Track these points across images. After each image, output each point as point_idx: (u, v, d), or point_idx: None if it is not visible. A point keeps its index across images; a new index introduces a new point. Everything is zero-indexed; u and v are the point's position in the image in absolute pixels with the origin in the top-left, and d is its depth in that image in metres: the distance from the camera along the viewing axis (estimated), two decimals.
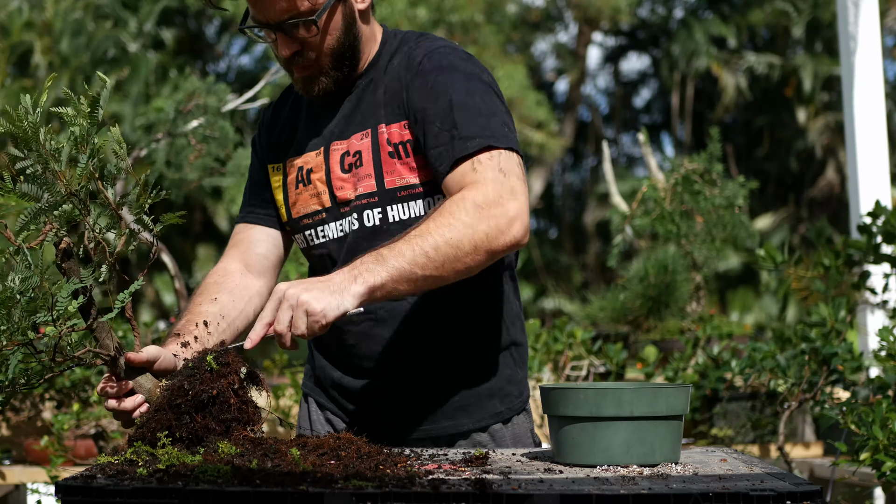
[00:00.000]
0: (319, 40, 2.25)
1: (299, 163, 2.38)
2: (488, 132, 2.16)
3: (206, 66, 23.87)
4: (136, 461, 1.81)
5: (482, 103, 2.20)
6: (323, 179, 2.34)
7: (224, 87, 5.50)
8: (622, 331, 5.90)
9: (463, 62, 2.26)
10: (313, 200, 2.36)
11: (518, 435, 2.40)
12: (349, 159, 2.30)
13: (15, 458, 4.56)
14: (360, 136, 2.30)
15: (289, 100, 2.49)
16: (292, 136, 2.42)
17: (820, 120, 22.60)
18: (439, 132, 2.18)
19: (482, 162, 2.13)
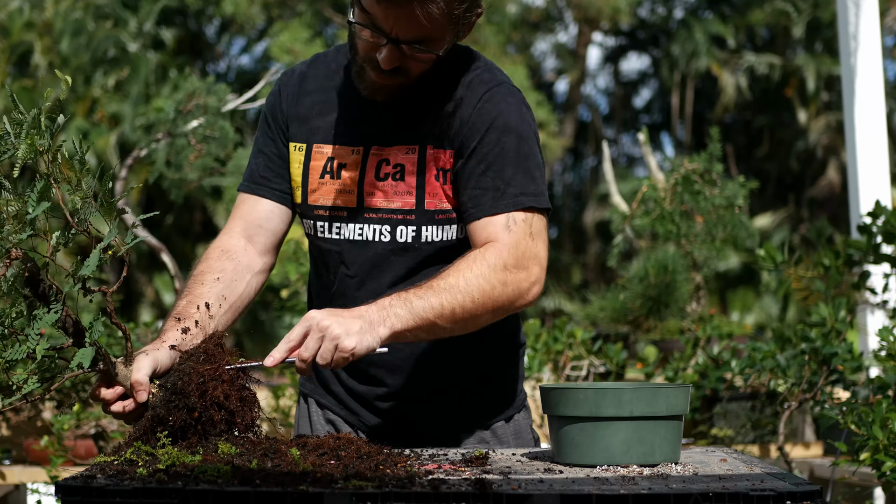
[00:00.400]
0: (423, 64, 2.17)
1: (330, 153, 2.30)
2: (530, 191, 2.20)
3: (206, 66, 23.88)
4: (136, 461, 1.81)
5: (530, 158, 2.22)
6: (355, 180, 2.27)
7: (224, 87, 5.50)
8: (622, 331, 5.90)
9: (519, 110, 2.25)
10: (339, 197, 2.29)
11: (519, 431, 2.42)
12: (387, 168, 2.25)
13: (15, 458, 4.56)
14: (406, 150, 2.24)
15: (319, 73, 2.37)
16: (323, 119, 2.32)
17: (821, 119, 22.61)
18: (482, 176, 2.20)
19: (517, 223, 2.18)
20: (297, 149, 2.34)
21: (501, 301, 2.14)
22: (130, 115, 19.05)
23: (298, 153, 2.33)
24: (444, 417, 2.37)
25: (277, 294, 6.28)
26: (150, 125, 5.60)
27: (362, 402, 2.39)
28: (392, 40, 2.12)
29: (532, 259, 2.17)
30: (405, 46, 2.13)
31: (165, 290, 20.14)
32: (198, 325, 2.13)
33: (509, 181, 2.19)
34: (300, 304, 6.24)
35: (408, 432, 2.34)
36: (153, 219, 20.18)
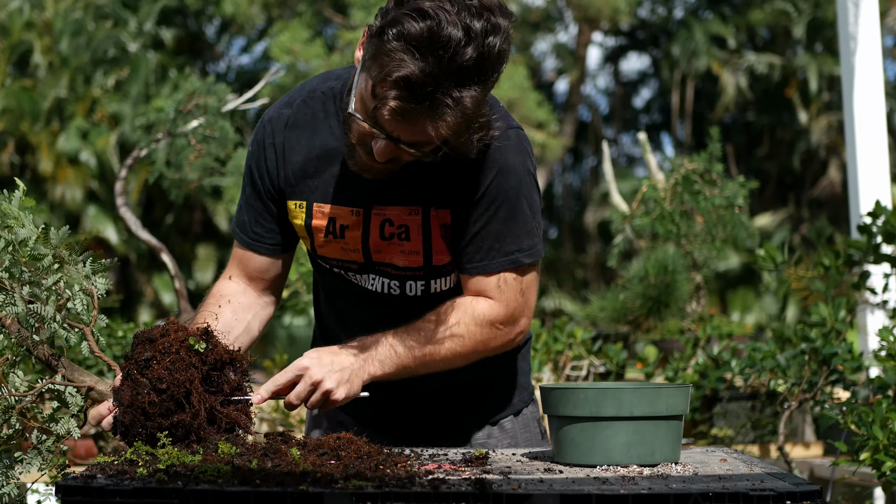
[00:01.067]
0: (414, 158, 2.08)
1: (330, 213, 2.24)
2: (525, 246, 2.21)
3: (206, 66, 23.88)
4: (136, 461, 1.81)
5: (526, 213, 2.21)
6: (358, 240, 2.23)
7: (224, 87, 5.50)
8: (622, 331, 5.90)
9: (519, 160, 2.21)
10: (345, 254, 2.26)
11: (527, 425, 2.45)
12: (391, 229, 2.21)
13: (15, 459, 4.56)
14: (409, 212, 2.20)
15: (306, 121, 2.26)
16: (317, 176, 2.24)
17: (822, 119, 22.60)
18: (477, 234, 2.20)
19: (508, 282, 2.21)
20: (298, 206, 2.28)
21: (484, 352, 2.24)
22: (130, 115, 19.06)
23: (300, 210, 2.28)
24: (452, 414, 2.38)
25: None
26: (150, 125, 5.60)
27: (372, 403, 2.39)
28: (392, 139, 2.02)
29: (521, 313, 2.24)
30: (404, 147, 2.03)
31: (165, 290, 20.14)
32: None
33: (503, 239, 2.19)
34: (300, 303, 6.25)
35: (417, 430, 2.35)
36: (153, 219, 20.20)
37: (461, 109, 1.94)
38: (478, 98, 1.96)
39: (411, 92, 1.92)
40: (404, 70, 1.90)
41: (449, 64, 1.91)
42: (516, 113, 17.84)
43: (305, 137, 2.25)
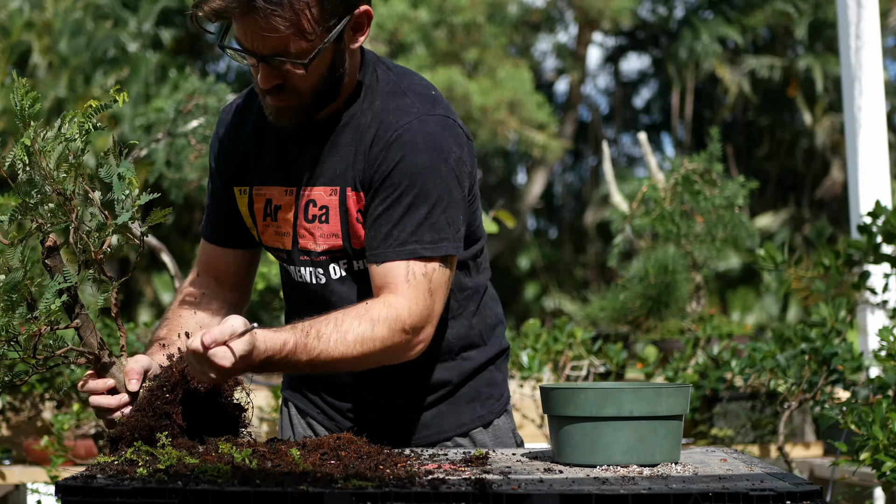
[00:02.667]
0: (304, 79, 2.10)
1: (267, 194, 2.27)
2: (424, 240, 2.13)
3: (205, 66, 23.87)
4: (136, 461, 1.81)
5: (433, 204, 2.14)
6: (290, 222, 2.25)
7: (224, 87, 5.50)
8: (622, 331, 5.90)
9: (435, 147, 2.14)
10: (277, 239, 2.28)
11: (499, 437, 2.41)
12: (314, 210, 2.21)
13: (15, 458, 4.56)
14: (329, 192, 2.20)
15: (254, 108, 2.31)
16: (258, 159, 2.28)
17: (825, 120, 22.60)
18: (379, 219, 2.14)
19: (416, 277, 2.12)
20: (242, 192, 2.31)
21: (383, 358, 2.12)
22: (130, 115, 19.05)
23: (243, 196, 2.31)
24: (420, 425, 2.36)
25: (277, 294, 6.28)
26: (150, 125, 5.60)
27: (337, 410, 2.39)
28: (258, 57, 2.07)
29: (426, 320, 2.14)
30: (275, 62, 2.07)
31: (165, 290, 20.13)
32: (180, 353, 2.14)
33: (406, 229, 2.13)
34: None
35: (384, 439, 2.33)
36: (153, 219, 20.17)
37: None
38: None
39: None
40: None
41: None
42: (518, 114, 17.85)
43: (249, 124, 2.29)
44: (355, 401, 2.36)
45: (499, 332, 2.44)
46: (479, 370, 2.39)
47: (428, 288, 2.13)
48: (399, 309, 2.10)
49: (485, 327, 2.40)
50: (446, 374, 2.35)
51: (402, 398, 2.34)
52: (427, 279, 2.13)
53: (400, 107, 2.18)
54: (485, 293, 2.42)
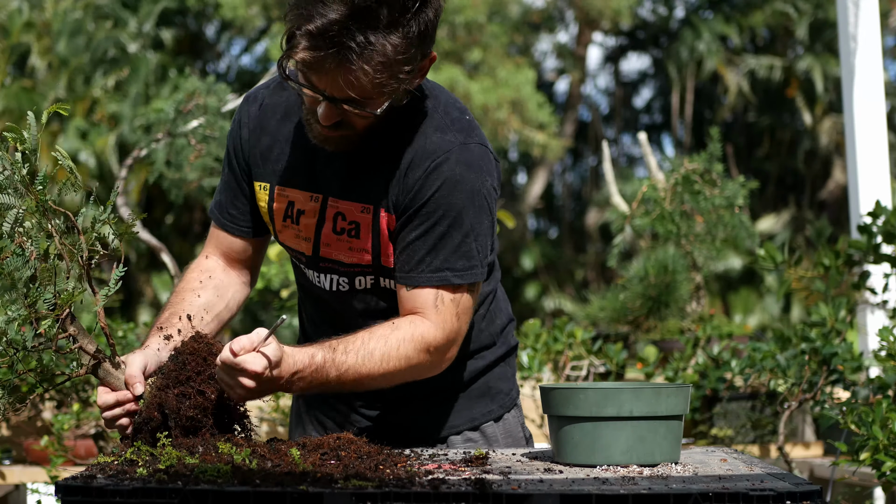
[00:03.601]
0: (365, 120, 2.09)
1: (290, 196, 2.26)
2: (456, 268, 2.16)
3: (206, 66, 23.87)
4: (136, 461, 1.81)
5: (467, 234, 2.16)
6: (312, 228, 2.25)
7: (224, 87, 5.50)
8: (622, 331, 5.90)
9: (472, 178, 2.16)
10: (297, 242, 2.28)
11: (509, 430, 2.43)
12: (343, 224, 2.22)
13: (15, 458, 4.56)
14: (361, 209, 2.20)
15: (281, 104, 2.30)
16: (283, 159, 2.27)
17: (826, 121, 22.60)
18: (411, 244, 2.16)
19: (445, 303, 2.16)
20: (262, 188, 2.31)
21: (411, 376, 2.17)
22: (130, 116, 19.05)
23: (263, 192, 2.31)
24: (431, 420, 2.37)
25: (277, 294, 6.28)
26: (150, 125, 5.60)
27: (348, 406, 2.40)
28: (327, 98, 2.04)
29: (452, 342, 2.19)
30: (343, 105, 2.05)
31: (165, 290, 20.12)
32: (180, 334, 2.15)
33: (439, 255, 2.15)
34: None
35: (395, 434, 2.33)
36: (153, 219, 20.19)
37: (370, 54, 1.96)
38: (391, 44, 1.97)
39: (314, 40, 1.96)
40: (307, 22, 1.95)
41: (352, 8, 1.94)
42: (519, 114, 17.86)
43: (276, 120, 2.28)
44: (365, 397, 2.37)
45: (508, 330, 2.46)
46: (489, 367, 2.41)
47: (455, 312, 2.18)
48: (425, 331, 2.15)
49: (495, 328, 2.43)
50: (458, 373, 2.37)
51: (413, 396, 2.34)
52: (455, 304, 2.18)
53: (440, 134, 2.18)
54: (495, 296, 2.44)
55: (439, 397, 2.36)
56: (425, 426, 2.36)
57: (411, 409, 2.36)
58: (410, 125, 2.19)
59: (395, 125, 2.18)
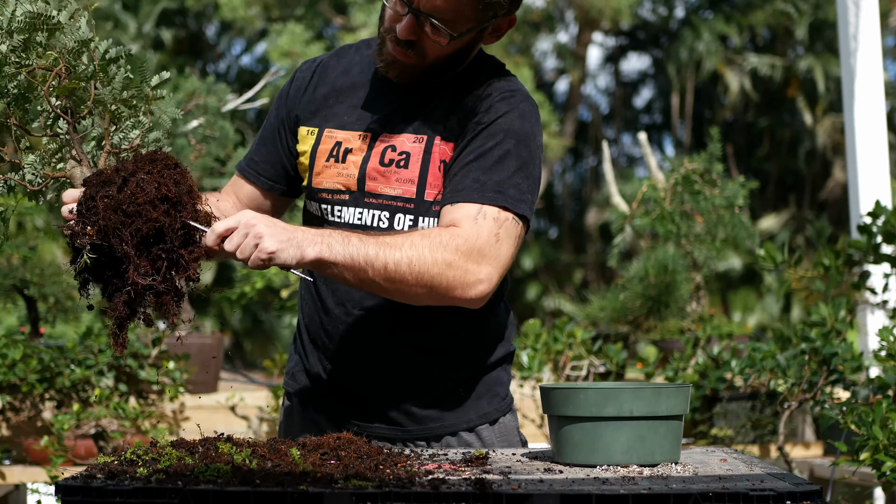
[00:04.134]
0: (440, 49, 2.18)
1: (339, 138, 2.30)
2: (510, 194, 2.17)
3: (206, 66, 23.87)
4: (136, 461, 1.81)
5: (522, 167, 2.20)
6: (358, 164, 2.27)
7: (224, 87, 5.50)
8: (622, 331, 5.90)
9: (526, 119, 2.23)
10: (339, 178, 2.29)
11: (504, 434, 2.42)
12: (392, 155, 2.25)
13: (15, 458, 4.56)
14: (414, 139, 2.25)
15: (341, 64, 2.40)
16: (337, 106, 2.34)
17: (827, 121, 22.60)
18: (468, 166, 2.19)
19: (486, 217, 2.14)
20: (309, 133, 2.35)
21: (439, 281, 2.10)
22: None
23: (310, 136, 2.35)
24: (428, 415, 2.36)
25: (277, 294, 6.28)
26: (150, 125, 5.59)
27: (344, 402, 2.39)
28: (413, 9, 2.13)
29: (489, 258, 2.13)
30: (424, 20, 2.13)
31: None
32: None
33: (490, 177, 2.17)
34: None
35: (391, 434, 2.33)
36: None
37: None
38: None
39: None
40: None
41: None
42: None
43: (335, 75, 2.37)
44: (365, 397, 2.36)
45: (510, 335, 2.46)
46: (491, 368, 2.41)
47: (496, 232, 2.14)
48: (459, 236, 2.11)
49: (503, 327, 2.43)
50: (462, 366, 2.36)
51: (415, 386, 2.34)
52: (497, 224, 2.15)
53: (506, 79, 2.29)
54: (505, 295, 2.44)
55: (439, 391, 2.36)
56: (420, 423, 2.36)
57: (409, 402, 2.35)
58: (472, 76, 2.28)
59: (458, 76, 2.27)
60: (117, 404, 4.38)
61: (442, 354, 2.34)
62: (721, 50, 23.10)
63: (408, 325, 2.31)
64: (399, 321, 2.31)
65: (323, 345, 2.38)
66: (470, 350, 2.37)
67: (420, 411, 2.35)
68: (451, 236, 2.11)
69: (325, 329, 2.36)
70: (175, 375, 4.61)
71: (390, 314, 2.30)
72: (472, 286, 2.12)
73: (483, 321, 2.37)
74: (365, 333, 2.32)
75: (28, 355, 4.38)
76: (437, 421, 2.36)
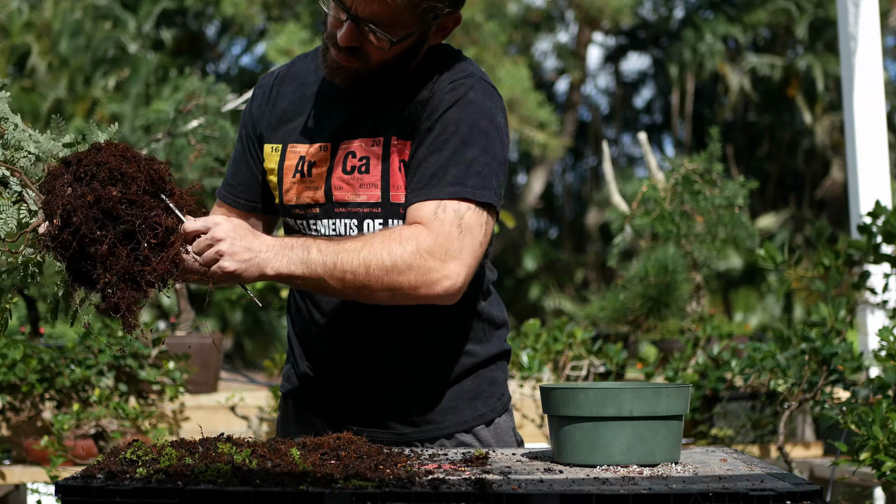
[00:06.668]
0: (380, 53, 2.17)
1: (301, 152, 2.30)
2: (468, 183, 2.15)
3: (206, 66, 23.87)
4: (136, 461, 1.81)
5: (480, 152, 2.17)
6: (323, 176, 2.27)
7: (224, 87, 5.50)
8: (622, 331, 5.90)
9: (481, 102, 2.21)
10: (308, 193, 2.30)
11: (500, 435, 2.41)
12: (353, 161, 2.25)
13: (15, 458, 4.56)
14: (371, 143, 2.24)
15: (299, 73, 2.40)
16: (297, 119, 2.33)
17: (826, 120, 22.59)
18: (424, 162, 2.18)
19: (446, 210, 2.13)
20: (274, 150, 2.35)
21: (400, 282, 2.09)
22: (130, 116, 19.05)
23: (275, 153, 2.35)
24: (422, 419, 2.35)
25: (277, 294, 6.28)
26: (150, 125, 5.60)
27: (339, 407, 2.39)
28: (351, 16, 2.13)
29: (453, 252, 2.11)
30: (364, 26, 2.13)
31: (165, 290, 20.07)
32: None
33: (448, 170, 2.15)
34: None
35: (387, 438, 2.33)
36: None
37: None
38: None
39: None
40: None
41: None
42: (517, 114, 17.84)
43: (294, 87, 2.37)
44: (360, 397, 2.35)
45: (502, 333, 2.45)
46: (482, 365, 2.39)
47: (458, 224, 2.12)
48: (420, 234, 2.10)
49: (490, 320, 2.41)
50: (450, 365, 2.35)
51: (406, 390, 2.33)
52: (458, 216, 2.13)
53: (457, 67, 2.26)
54: (493, 290, 2.43)
55: (432, 392, 2.35)
56: (417, 425, 2.35)
57: (403, 405, 2.35)
58: (424, 72, 2.26)
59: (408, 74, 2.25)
60: (117, 404, 4.38)
61: (429, 354, 2.33)
62: (722, 50, 23.10)
63: (392, 327, 2.30)
64: (382, 324, 2.30)
65: (313, 350, 2.39)
66: (456, 346, 2.35)
67: (415, 415, 2.35)
68: (411, 236, 2.10)
69: (312, 336, 2.38)
70: (175, 375, 4.61)
71: (372, 319, 2.29)
72: (437, 283, 2.11)
73: (465, 315, 2.35)
74: (350, 339, 2.33)
75: (28, 355, 4.38)
76: (432, 423, 2.35)
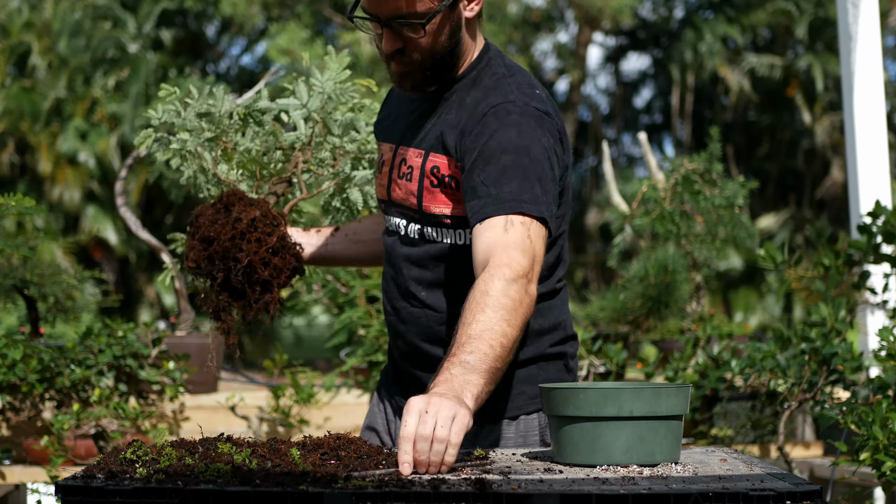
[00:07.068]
0: (424, 42, 2.30)
1: (381, 150, 2.52)
2: (525, 198, 2.21)
3: (206, 67, 23.86)
4: (136, 461, 1.81)
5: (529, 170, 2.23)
6: (387, 175, 2.46)
7: (224, 87, 5.50)
8: (622, 331, 5.90)
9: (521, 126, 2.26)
10: (380, 189, 2.50)
11: (523, 433, 2.41)
12: (404, 168, 2.40)
13: (15, 458, 4.56)
14: (417, 154, 2.38)
15: None
16: (387, 119, 2.54)
17: (825, 119, 22.59)
18: (479, 186, 2.23)
19: (514, 225, 2.19)
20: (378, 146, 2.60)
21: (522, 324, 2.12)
22: (130, 116, 19.04)
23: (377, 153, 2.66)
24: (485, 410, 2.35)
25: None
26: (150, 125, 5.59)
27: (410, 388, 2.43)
28: (382, 23, 2.28)
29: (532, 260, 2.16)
30: (394, 24, 2.27)
31: (165, 291, 20.13)
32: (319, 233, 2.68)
33: (503, 190, 2.21)
34: (300, 304, 6.26)
35: None
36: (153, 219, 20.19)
37: None
38: None
39: None
40: None
41: None
42: None
43: (393, 96, 2.60)
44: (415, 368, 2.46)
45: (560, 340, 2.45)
46: (525, 363, 2.39)
47: (527, 234, 2.19)
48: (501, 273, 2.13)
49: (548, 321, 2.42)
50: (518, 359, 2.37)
51: None
52: (525, 227, 2.19)
53: (501, 91, 2.34)
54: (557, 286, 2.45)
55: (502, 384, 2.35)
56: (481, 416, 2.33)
57: None
58: (478, 83, 2.37)
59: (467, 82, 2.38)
60: (117, 404, 4.38)
61: None
62: (722, 50, 23.10)
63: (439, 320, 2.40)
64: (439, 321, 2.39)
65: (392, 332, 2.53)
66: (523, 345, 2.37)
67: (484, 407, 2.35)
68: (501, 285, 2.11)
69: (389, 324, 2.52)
70: (175, 375, 4.61)
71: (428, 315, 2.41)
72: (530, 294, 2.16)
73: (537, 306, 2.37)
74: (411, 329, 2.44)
75: (28, 355, 4.38)
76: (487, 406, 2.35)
